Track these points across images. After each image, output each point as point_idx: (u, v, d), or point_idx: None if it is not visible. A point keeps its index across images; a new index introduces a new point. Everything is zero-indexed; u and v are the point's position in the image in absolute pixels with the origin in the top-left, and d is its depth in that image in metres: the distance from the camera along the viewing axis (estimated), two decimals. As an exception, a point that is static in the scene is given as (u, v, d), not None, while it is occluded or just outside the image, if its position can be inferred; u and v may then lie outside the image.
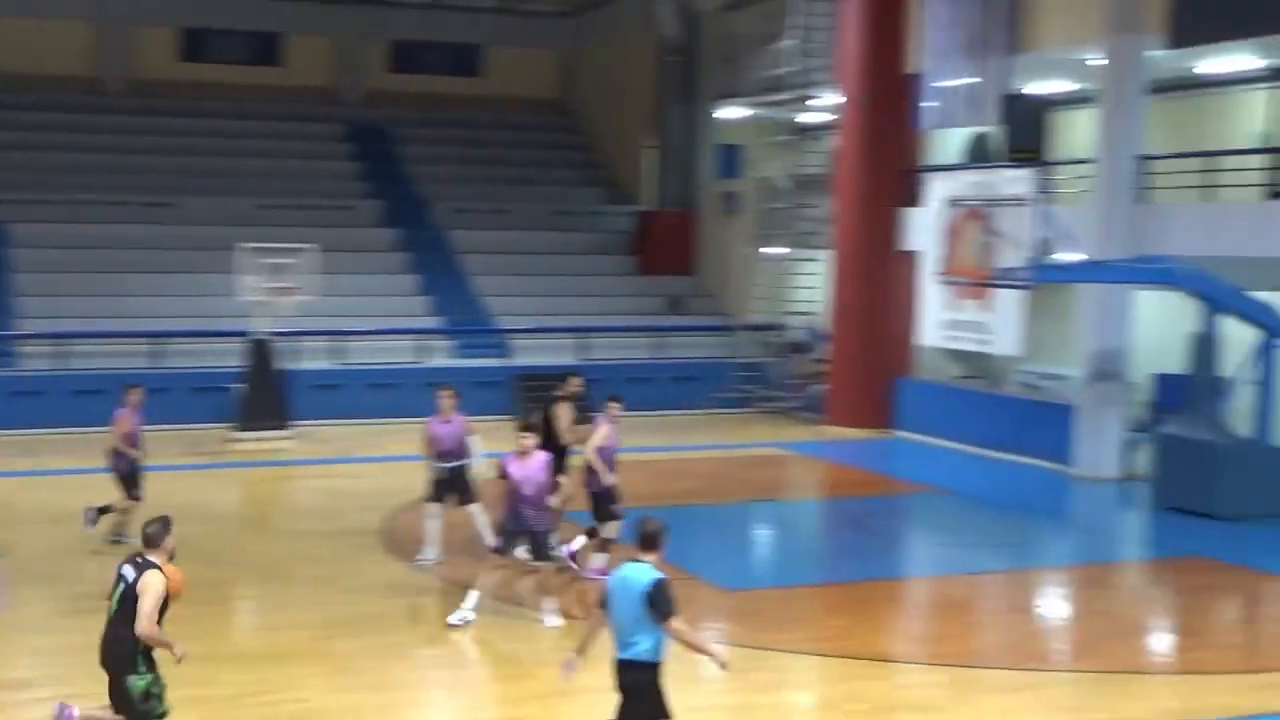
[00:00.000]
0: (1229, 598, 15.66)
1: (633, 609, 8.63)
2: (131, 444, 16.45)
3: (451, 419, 15.69)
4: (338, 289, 28.25)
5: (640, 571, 8.72)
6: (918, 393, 26.28)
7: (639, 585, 8.64)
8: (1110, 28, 21.49)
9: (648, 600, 8.58)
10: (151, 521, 9.46)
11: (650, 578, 8.65)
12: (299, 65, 37.56)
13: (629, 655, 8.68)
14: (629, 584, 8.70)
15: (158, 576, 9.16)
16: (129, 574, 9.20)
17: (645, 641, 8.64)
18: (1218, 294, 19.25)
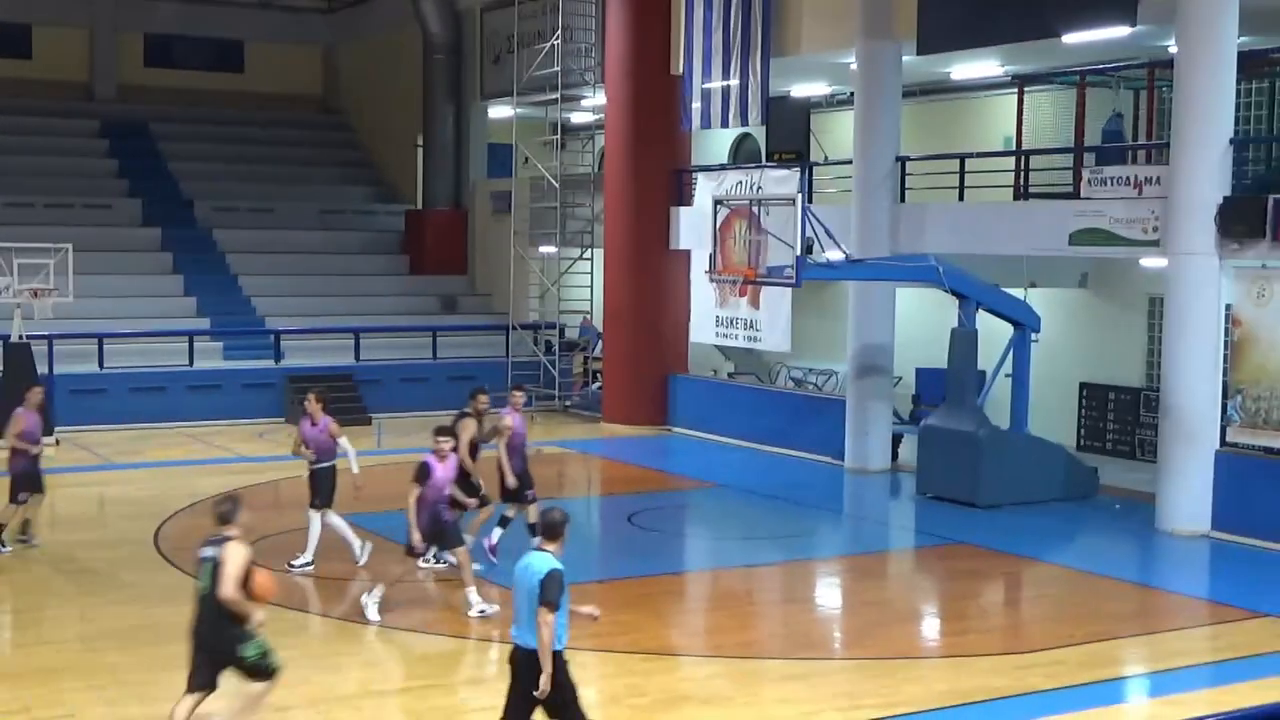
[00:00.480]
0: (990, 582, 16.34)
1: (529, 596, 8.89)
2: (30, 442, 16.35)
3: (319, 421, 15.56)
4: (98, 290, 27.47)
5: (539, 559, 8.98)
6: (692, 389, 26.69)
7: (537, 572, 8.91)
8: (863, 34, 22.18)
9: (539, 586, 8.83)
10: (222, 500, 10.11)
11: (548, 567, 8.91)
12: (49, 58, 36.22)
13: (527, 642, 8.94)
14: (528, 571, 8.97)
15: (238, 547, 9.75)
16: (212, 553, 9.75)
17: (528, 629, 8.92)
18: (975, 290, 20.05)
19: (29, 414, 16.72)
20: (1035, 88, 22.80)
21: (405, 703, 11.57)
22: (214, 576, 9.70)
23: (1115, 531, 18.63)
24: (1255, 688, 11.73)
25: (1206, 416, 17.77)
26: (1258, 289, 17.29)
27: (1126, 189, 18.86)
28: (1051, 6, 19.30)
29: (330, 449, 15.60)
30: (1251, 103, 19.53)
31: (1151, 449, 20.82)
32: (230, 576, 9.66)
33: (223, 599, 9.65)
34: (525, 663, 8.99)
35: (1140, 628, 14.02)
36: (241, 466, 22.46)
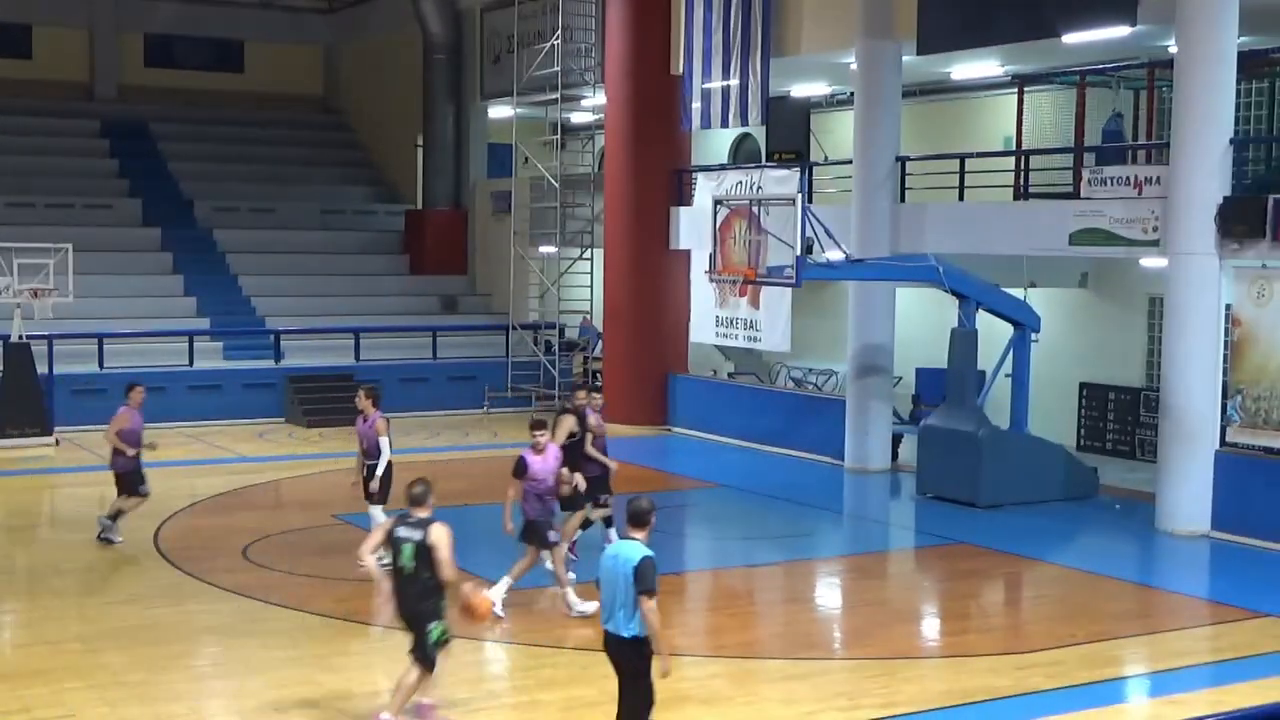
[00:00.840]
0: (990, 582, 16.34)
1: (622, 584, 9.11)
2: (131, 442, 16.54)
3: (369, 417, 15.58)
4: (98, 290, 27.50)
5: (630, 548, 9.21)
6: (692, 389, 26.70)
7: (629, 560, 9.12)
8: (863, 33, 22.18)
9: (634, 575, 9.03)
10: (416, 482, 10.49)
11: (640, 554, 9.13)
12: (49, 58, 36.24)
13: (618, 630, 9.20)
14: (619, 561, 9.18)
15: (443, 528, 10.30)
16: (412, 534, 10.25)
17: (633, 615, 9.13)
18: (975, 290, 20.06)
19: (132, 413, 16.91)
20: (1035, 88, 22.81)
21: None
22: (417, 557, 10.20)
23: (1115, 531, 18.63)
24: (1255, 688, 11.74)
25: (1206, 416, 17.78)
26: (1258, 289, 17.29)
27: (1126, 189, 18.87)
28: (1051, 6, 19.30)
29: (377, 446, 15.62)
30: (1251, 103, 19.54)
31: (1151, 449, 20.83)
32: (448, 562, 10.24)
33: (448, 581, 10.26)
34: (620, 650, 9.26)
35: (1140, 628, 14.02)
36: (242, 466, 22.47)
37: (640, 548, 9.22)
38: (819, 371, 27.20)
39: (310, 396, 27.08)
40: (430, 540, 10.24)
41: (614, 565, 9.26)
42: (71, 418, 24.84)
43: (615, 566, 9.24)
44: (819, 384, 26.90)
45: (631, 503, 9.56)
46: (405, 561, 10.31)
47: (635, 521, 9.39)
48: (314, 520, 18.29)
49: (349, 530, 17.72)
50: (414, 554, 10.25)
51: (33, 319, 23.95)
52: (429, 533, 10.26)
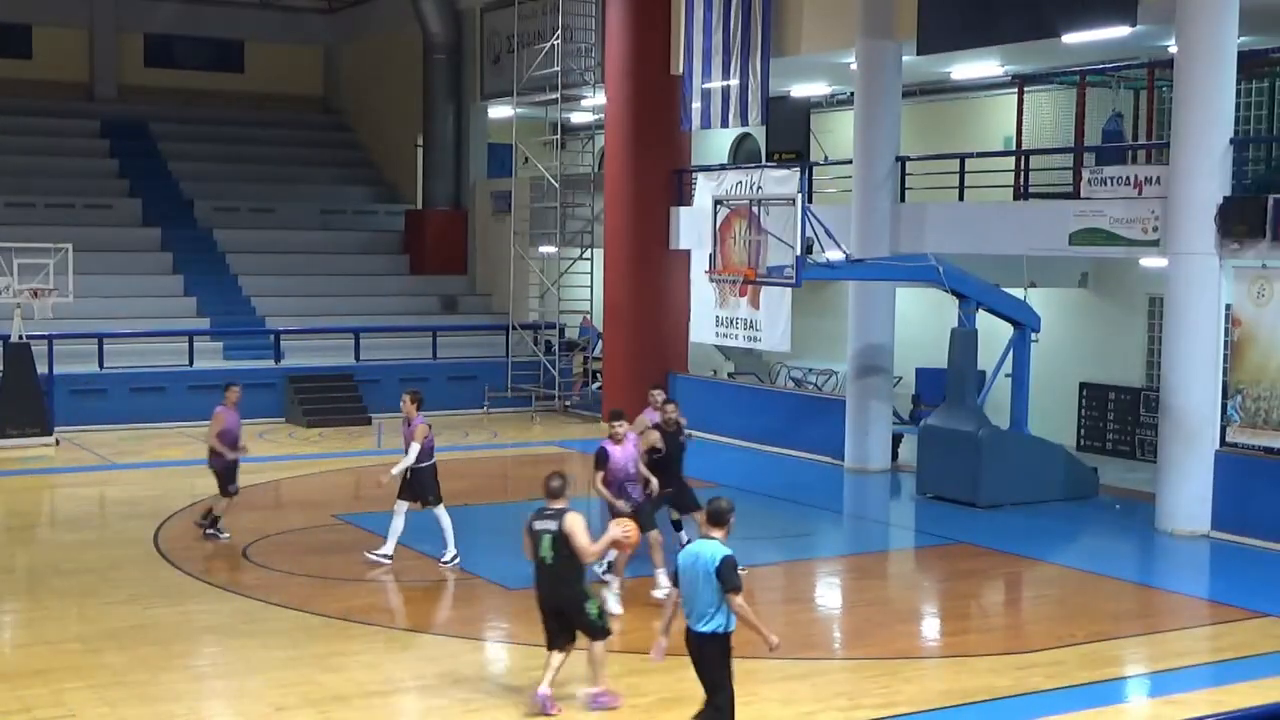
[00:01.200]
0: (990, 582, 16.34)
1: (703, 582, 9.35)
2: (228, 441, 16.73)
3: (413, 421, 15.60)
4: (98, 290, 27.51)
5: (710, 548, 9.42)
6: (692, 389, 26.66)
7: (710, 559, 9.34)
8: (863, 34, 22.18)
9: (716, 574, 9.27)
10: (554, 476, 11.18)
11: (720, 553, 9.36)
12: (49, 58, 36.25)
13: (698, 626, 9.46)
14: (700, 560, 9.40)
15: (576, 516, 10.92)
16: (549, 526, 10.89)
17: (713, 612, 9.39)
18: (975, 290, 20.06)
19: (229, 413, 17.03)
20: (1035, 88, 22.81)
21: (405, 703, 11.57)
22: (556, 547, 10.81)
23: (1115, 531, 18.63)
24: (1255, 688, 11.74)
25: (1206, 416, 17.78)
26: (1258, 289, 17.29)
27: (1126, 189, 18.87)
28: (1051, 6, 19.30)
29: (429, 448, 15.66)
30: (1251, 103, 19.53)
31: (1151, 449, 20.84)
32: (587, 546, 10.90)
33: (586, 563, 11.01)
34: (699, 645, 9.52)
35: (1140, 628, 14.02)
36: (241, 466, 22.40)
37: (720, 547, 9.45)
38: (819, 371, 27.20)
39: (310, 396, 27.08)
40: (565, 529, 10.82)
41: (694, 564, 9.48)
42: (71, 418, 24.88)
43: (695, 566, 9.46)
44: (819, 384, 26.90)
45: (711, 502, 9.79)
46: (545, 552, 10.90)
47: (714, 521, 9.61)
48: (314, 520, 18.29)
49: (349, 530, 17.76)
50: (552, 544, 10.85)
51: (33, 319, 23.96)
52: (564, 522, 10.85)
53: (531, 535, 11.02)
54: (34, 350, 23.99)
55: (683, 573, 9.60)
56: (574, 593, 11.07)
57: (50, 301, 23.87)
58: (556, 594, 11.03)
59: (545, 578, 11.03)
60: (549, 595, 11.07)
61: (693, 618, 9.54)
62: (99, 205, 32.10)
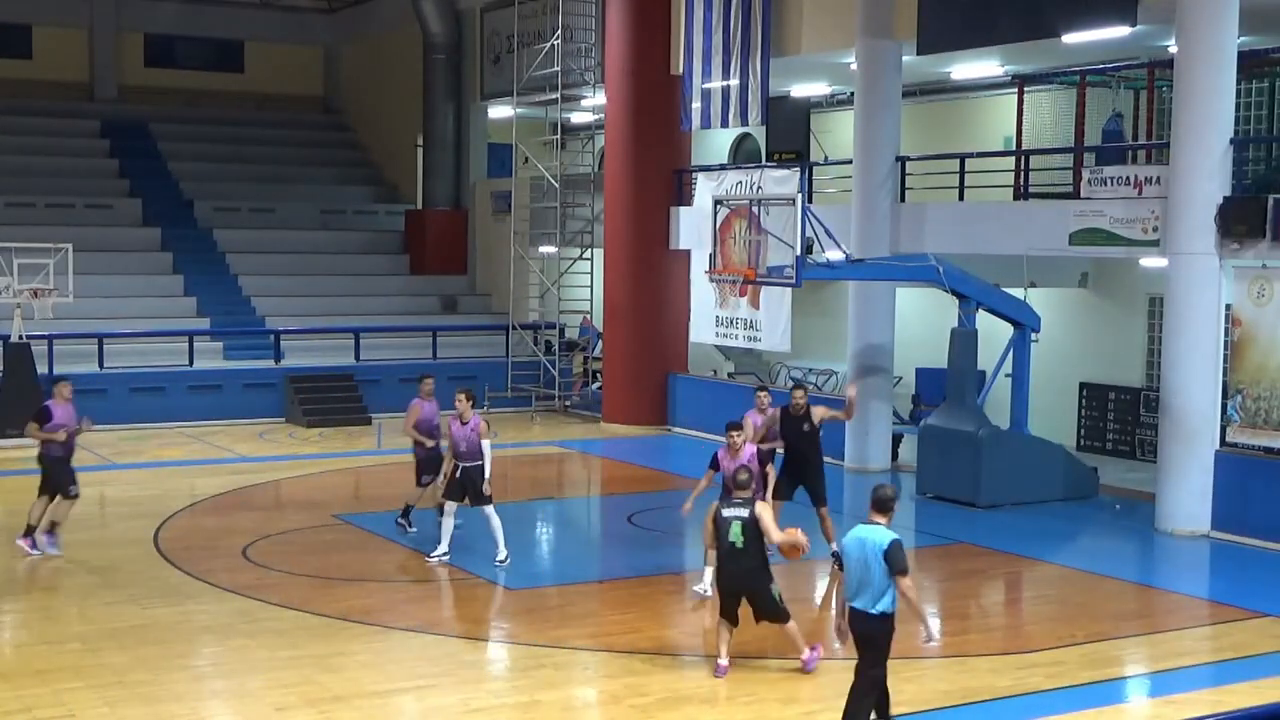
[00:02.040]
0: (990, 582, 16.34)
1: (873, 565, 9.82)
2: (425, 432, 17.00)
3: (469, 420, 15.56)
4: (98, 290, 27.53)
5: (877, 532, 9.92)
6: (692, 389, 26.70)
7: (878, 544, 9.82)
8: (863, 34, 22.18)
9: (885, 557, 9.74)
10: (742, 469, 12.20)
11: (889, 537, 9.86)
12: (49, 58, 36.26)
13: (866, 607, 9.92)
14: (867, 543, 9.89)
15: (765, 504, 12.29)
16: (739, 513, 11.71)
17: (881, 595, 9.86)
18: (975, 290, 20.06)
19: (425, 403, 17.19)
20: (1035, 88, 22.80)
21: (405, 703, 11.57)
22: (745, 532, 11.61)
23: (1115, 531, 18.63)
24: (1255, 688, 11.74)
25: (1206, 416, 17.78)
26: (1258, 289, 17.29)
27: (1126, 189, 18.87)
28: (1051, 6, 19.31)
29: (479, 448, 15.60)
30: (1251, 103, 19.53)
31: (1151, 449, 20.84)
32: (775, 527, 11.76)
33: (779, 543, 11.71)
34: (866, 624, 9.98)
35: (1140, 628, 14.02)
36: (241, 466, 22.48)
37: (887, 532, 9.92)
38: (819, 371, 27.19)
39: (310, 396, 27.09)
40: (756, 514, 11.67)
41: (861, 548, 9.92)
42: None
43: (863, 549, 9.90)
44: (819, 384, 26.89)
45: (877, 489, 10.21)
46: (734, 537, 11.65)
47: (880, 507, 10.08)
48: (314, 520, 18.29)
49: (349, 530, 17.76)
50: (741, 530, 11.64)
51: (33, 319, 23.96)
52: (754, 509, 11.69)
53: (719, 522, 11.76)
54: (34, 350, 24.00)
55: (850, 557, 10.03)
56: (760, 577, 11.82)
57: (50, 301, 23.88)
58: (743, 577, 11.78)
59: (732, 562, 11.76)
60: (734, 578, 11.83)
61: (862, 599, 9.98)
62: (99, 205, 32.13)
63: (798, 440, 16.12)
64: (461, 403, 15.70)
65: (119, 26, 37.00)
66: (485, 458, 15.59)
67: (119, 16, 36.89)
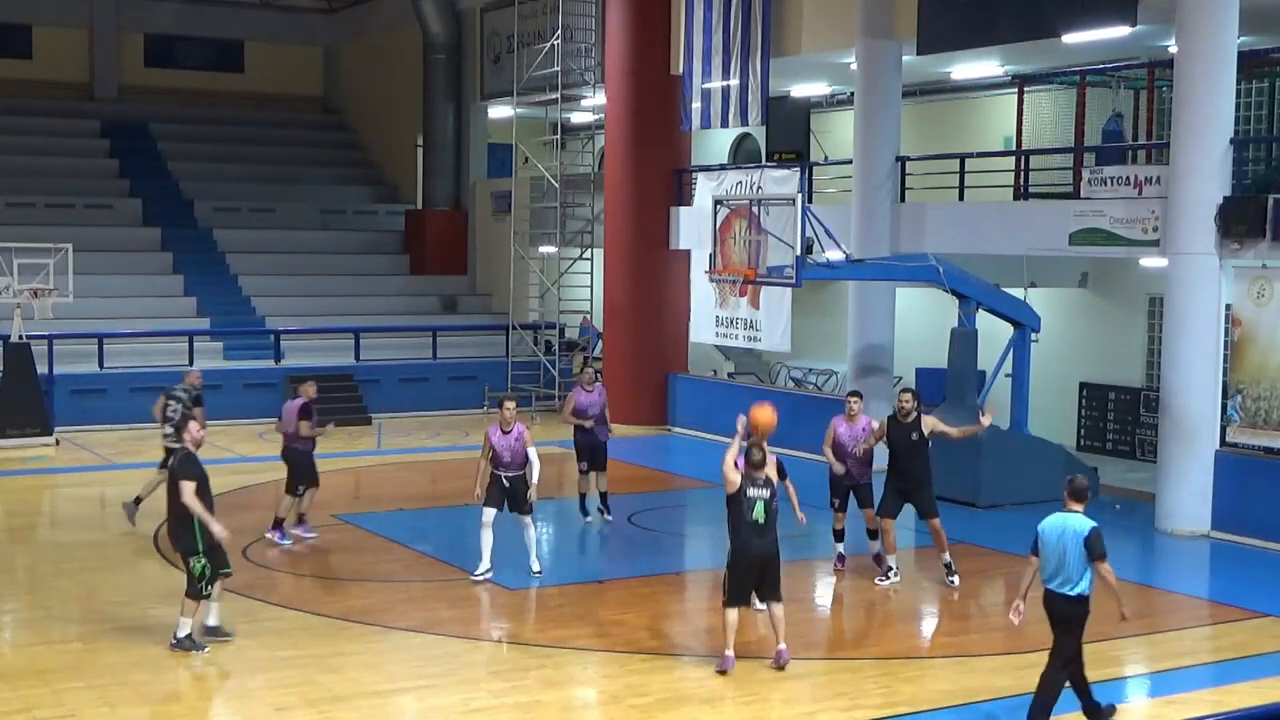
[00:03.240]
0: (990, 582, 16.33)
1: (1072, 550, 10.42)
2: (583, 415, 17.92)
3: (511, 429, 15.31)
4: (98, 290, 27.52)
5: (1077, 520, 10.53)
6: (692, 389, 26.70)
7: (1079, 531, 10.45)
8: (863, 34, 22.19)
9: (1085, 544, 10.37)
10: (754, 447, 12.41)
11: (1088, 525, 10.49)
12: (49, 58, 36.27)
13: (1064, 589, 10.50)
14: (1067, 530, 10.51)
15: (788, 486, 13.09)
16: (763, 493, 12.24)
17: (1079, 578, 10.45)
18: (975, 290, 20.05)
19: (581, 392, 18.03)
20: (1035, 88, 22.80)
21: (405, 703, 11.57)
22: (769, 510, 12.20)
23: (1115, 531, 18.51)
24: (1255, 688, 11.74)
25: (1206, 416, 17.78)
26: (1258, 289, 17.29)
27: (1126, 189, 18.87)
28: (1051, 6, 19.31)
29: (525, 456, 15.35)
30: (1251, 103, 19.53)
31: (1151, 449, 20.83)
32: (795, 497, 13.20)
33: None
34: (1065, 606, 10.52)
35: (1140, 628, 14.00)
36: (242, 466, 22.48)
37: (1086, 519, 10.54)
38: (819, 371, 27.19)
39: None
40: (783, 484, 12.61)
41: (1061, 535, 10.52)
42: (71, 418, 24.88)
43: (1063, 536, 10.50)
44: (819, 384, 26.89)
45: (1073, 480, 10.77)
46: (758, 514, 12.17)
47: (1077, 496, 10.66)
48: (314, 520, 18.27)
49: (349, 530, 17.77)
50: (764, 509, 12.16)
51: (33, 319, 23.96)
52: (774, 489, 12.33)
53: (743, 500, 12.18)
54: (34, 350, 23.99)
55: (1048, 543, 10.57)
56: (778, 551, 12.35)
57: (50, 301, 23.88)
58: (768, 552, 12.25)
59: (756, 537, 12.19)
60: (760, 553, 12.22)
61: (1059, 582, 10.53)
62: (99, 205, 32.13)
63: (906, 450, 15.79)
64: (509, 410, 15.41)
65: (119, 26, 37.00)
66: (533, 466, 15.33)
67: (119, 16, 36.88)
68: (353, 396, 27.55)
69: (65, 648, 12.80)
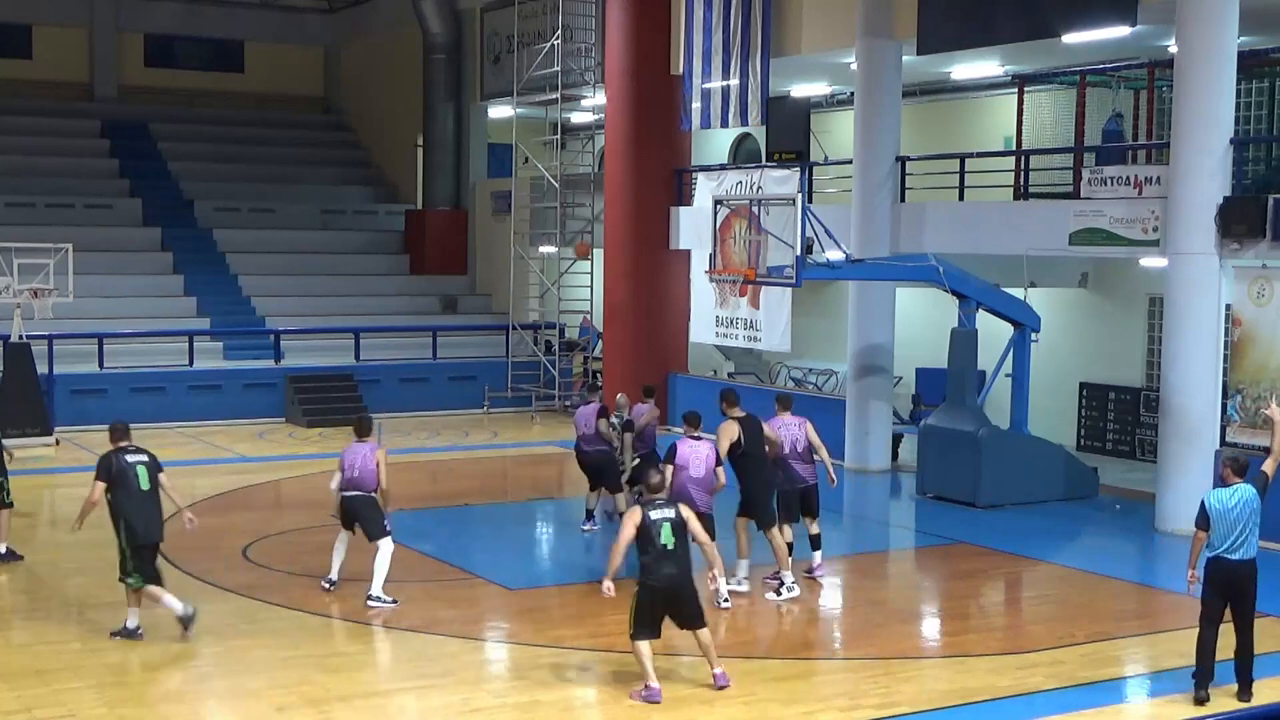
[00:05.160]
0: (990, 582, 16.33)
1: (1250, 519, 11.34)
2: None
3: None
4: (98, 290, 27.53)
5: (1248, 490, 11.43)
6: (692, 389, 26.67)
7: (1254, 498, 11.37)
8: (863, 34, 22.18)
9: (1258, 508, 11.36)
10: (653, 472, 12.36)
11: (1254, 491, 11.42)
12: (49, 58, 36.28)
13: (1242, 555, 11.38)
14: (1243, 500, 11.36)
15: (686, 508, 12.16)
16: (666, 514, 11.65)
17: (1253, 542, 11.36)
18: (975, 290, 20.05)
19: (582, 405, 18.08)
20: (1035, 88, 22.80)
21: (405, 703, 11.57)
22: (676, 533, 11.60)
23: (1115, 531, 18.63)
24: (1255, 687, 11.74)
25: (1206, 416, 17.77)
26: (1258, 289, 17.29)
27: (1126, 189, 18.86)
28: (1051, 6, 19.31)
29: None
30: (1251, 103, 19.52)
31: (1151, 449, 20.83)
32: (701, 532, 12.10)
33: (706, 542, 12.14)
34: (1248, 573, 11.43)
35: (1140, 628, 14.01)
36: (241, 466, 22.48)
37: (1250, 488, 11.45)
38: (819, 371, 27.19)
39: (310, 396, 27.09)
40: (683, 516, 11.76)
41: (1243, 506, 11.36)
42: (71, 418, 24.88)
43: (1241, 506, 11.36)
44: (819, 384, 26.89)
45: (1237, 457, 11.82)
46: (666, 539, 11.56)
47: (1241, 471, 11.54)
48: (314, 520, 18.27)
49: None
50: (672, 531, 11.60)
51: (33, 319, 23.96)
52: (679, 510, 11.80)
53: (647, 525, 11.57)
54: (34, 350, 24.00)
55: (1224, 515, 11.37)
56: (691, 576, 11.75)
57: (50, 301, 23.88)
58: (680, 578, 11.62)
59: (666, 563, 11.56)
60: (672, 579, 11.58)
61: (1241, 550, 11.36)
62: (99, 205, 32.14)
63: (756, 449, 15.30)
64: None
65: (119, 26, 37.01)
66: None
67: (119, 16, 36.89)
68: (353, 396, 27.54)
69: (65, 648, 12.79)
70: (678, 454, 14.16)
